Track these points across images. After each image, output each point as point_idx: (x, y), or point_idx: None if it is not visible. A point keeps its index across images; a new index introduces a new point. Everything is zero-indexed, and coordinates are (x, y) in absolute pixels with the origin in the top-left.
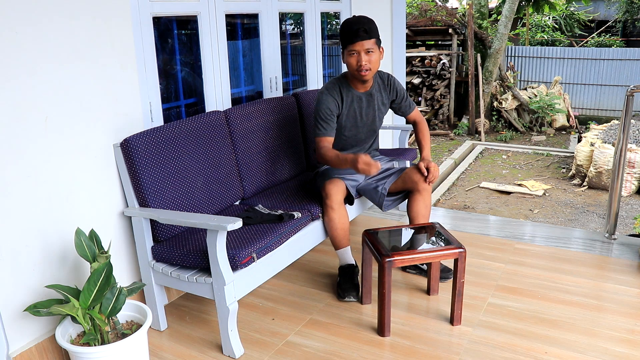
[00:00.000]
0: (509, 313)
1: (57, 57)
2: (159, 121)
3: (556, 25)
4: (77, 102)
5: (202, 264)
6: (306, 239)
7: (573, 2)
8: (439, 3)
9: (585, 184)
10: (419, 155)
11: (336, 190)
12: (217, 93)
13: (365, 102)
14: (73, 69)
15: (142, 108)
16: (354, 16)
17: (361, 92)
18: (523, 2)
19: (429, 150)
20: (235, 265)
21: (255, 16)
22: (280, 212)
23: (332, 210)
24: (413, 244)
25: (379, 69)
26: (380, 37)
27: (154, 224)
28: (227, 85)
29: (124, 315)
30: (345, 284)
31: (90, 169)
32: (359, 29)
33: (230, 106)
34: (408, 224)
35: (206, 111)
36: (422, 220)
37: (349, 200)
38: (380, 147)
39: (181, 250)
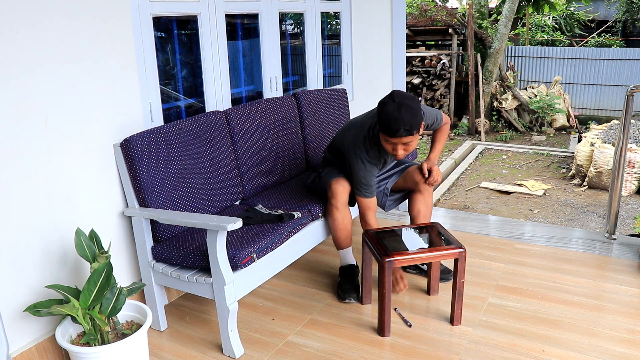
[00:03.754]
0: (509, 313)
1: (57, 57)
2: (159, 121)
3: (556, 25)
4: (77, 102)
5: (202, 264)
6: (306, 239)
7: (573, 2)
8: (439, 3)
9: (585, 183)
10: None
11: (342, 190)
12: (217, 93)
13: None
14: (73, 69)
15: (142, 108)
16: (396, 105)
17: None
18: (523, 2)
19: (438, 153)
20: (235, 265)
21: (255, 16)
22: (280, 212)
23: (337, 210)
24: (413, 244)
25: None
26: (420, 125)
27: (154, 224)
28: (227, 85)
29: (124, 315)
30: (345, 284)
31: (90, 169)
32: (399, 130)
33: (230, 106)
34: (409, 223)
35: (206, 111)
36: (423, 219)
37: (351, 200)
38: None
39: (181, 250)
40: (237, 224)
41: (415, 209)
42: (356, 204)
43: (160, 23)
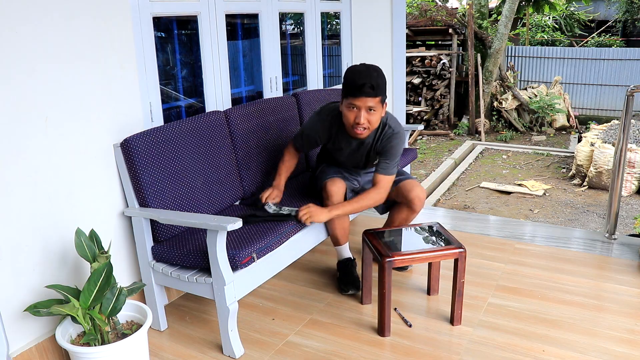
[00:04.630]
0: (509, 313)
1: (57, 57)
2: (159, 121)
3: (556, 25)
4: (77, 102)
5: (202, 264)
6: (306, 239)
7: (573, 2)
8: (439, 3)
9: (585, 184)
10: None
11: (336, 190)
12: (217, 93)
13: (355, 146)
14: (73, 69)
15: (142, 108)
16: (363, 64)
17: (352, 139)
18: (523, 2)
19: (337, 210)
20: (235, 266)
21: (255, 16)
22: (287, 209)
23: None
24: (413, 244)
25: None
26: (386, 93)
27: (154, 224)
28: (227, 85)
29: (124, 315)
30: (345, 277)
31: (90, 169)
32: (365, 84)
33: (231, 106)
34: (407, 224)
35: (206, 111)
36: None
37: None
38: None
39: (181, 250)
40: (237, 224)
41: (397, 216)
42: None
43: (160, 23)
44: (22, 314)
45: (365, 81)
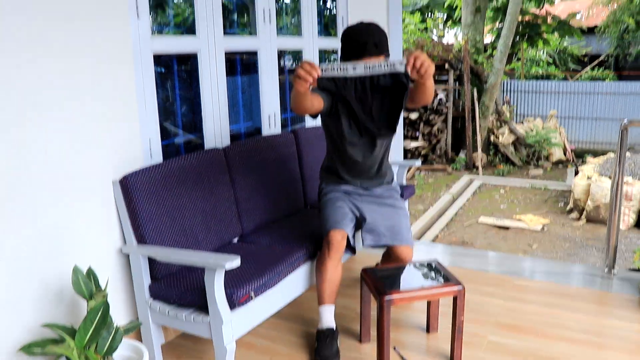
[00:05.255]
0: (509, 351)
1: (60, 95)
2: (158, 157)
3: (550, 60)
4: (78, 140)
5: (199, 302)
6: (305, 276)
7: (566, 37)
8: (435, 39)
9: (583, 217)
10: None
11: (340, 240)
12: (216, 129)
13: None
14: (75, 107)
15: (142, 145)
16: (361, 23)
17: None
18: (517, 38)
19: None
20: (233, 304)
21: (254, 52)
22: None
23: (330, 260)
24: (412, 282)
25: None
26: (389, 51)
27: (151, 261)
28: (226, 121)
29: (120, 355)
30: (324, 350)
31: (89, 205)
32: (368, 42)
33: (229, 142)
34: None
35: (205, 148)
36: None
37: (349, 247)
38: None
39: (179, 288)
40: (235, 262)
41: (392, 258)
42: (356, 252)
43: (160, 59)
44: (17, 354)
45: (368, 39)
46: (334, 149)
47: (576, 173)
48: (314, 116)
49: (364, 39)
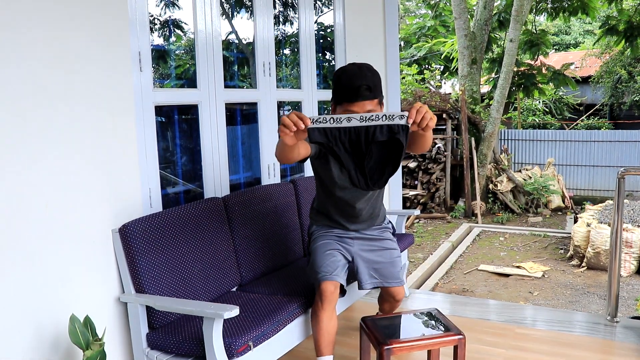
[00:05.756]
0: None
1: (62, 145)
2: (158, 207)
3: (546, 109)
4: (78, 188)
5: (197, 352)
6: (303, 326)
7: (561, 87)
8: (433, 89)
9: (584, 264)
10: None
11: (333, 290)
12: (216, 179)
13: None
14: (76, 156)
15: (142, 194)
16: (353, 64)
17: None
18: (514, 88)
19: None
20: (231, 354)
21: (254, 103)
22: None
23: (324, 311)
24: (412, 331)
25: None
26: (382, 92)
27: (149, 310)
28: (225, 171)
29: None
30: None
31: (88, 253)
32: (361, 86)
33: (229, 192)
34: (405, 310)
35: (205, 197)
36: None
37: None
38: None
39: (177, 337)
40: (233, 311)
41: (384, 308)
42: (345, 293)
43: (161, 109)
44: None
45: (361, 83)
46: (324, 191)
47: (575, 220)
48: (302, 161)
49: (357, 83)
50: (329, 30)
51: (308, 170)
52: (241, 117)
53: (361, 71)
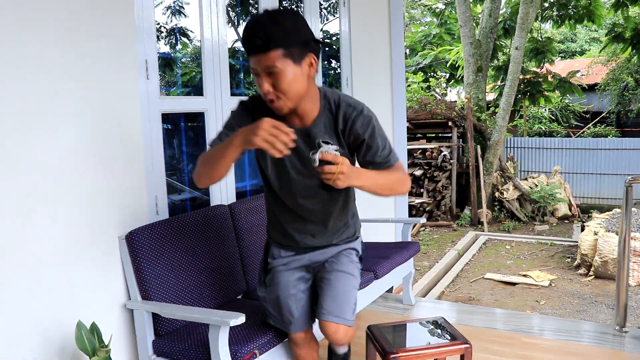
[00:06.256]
0: None
1: (70, 153)
2: (164, 214)
3: (553, 117)
4: (85, 196)
5: (203, 359)
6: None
7: (567, 95)
8: (439, 97)
9: (591, 273)
10: None
11: (305, 338)
12: (222, 186)
13: (301, 143)
14: (84, 165)
15: (149, 201)
16: (266, 10)
17: (296, 127)
18: (519, 95)
19: (368, 177)
20: None
21: None
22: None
23: (297, 346)
24: (418, 340)
25: (329, 90)
26: (301, 40)
27: (155, 317)
28: (231, 179)
29: None
30: None
31: (94, 260)
32: (253, 37)
33: (235, 199)
34: (412, 318)
35: (211, 204)
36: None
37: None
38: (379, 240)
39: (182, 344)
40: (239, 319)
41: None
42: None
43: (168, 116)
44: None
45: (251, 32)
46: (272, 196)
47: (582, 229)
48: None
49: (247, 33)
50: (334, 38)
51: None
52: None
53: (258, 19)
